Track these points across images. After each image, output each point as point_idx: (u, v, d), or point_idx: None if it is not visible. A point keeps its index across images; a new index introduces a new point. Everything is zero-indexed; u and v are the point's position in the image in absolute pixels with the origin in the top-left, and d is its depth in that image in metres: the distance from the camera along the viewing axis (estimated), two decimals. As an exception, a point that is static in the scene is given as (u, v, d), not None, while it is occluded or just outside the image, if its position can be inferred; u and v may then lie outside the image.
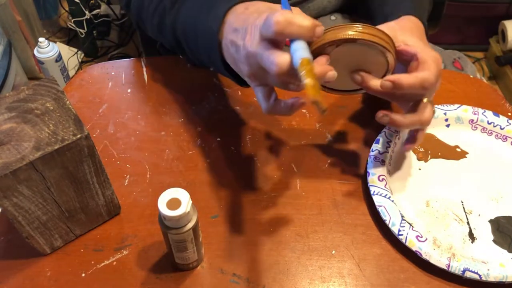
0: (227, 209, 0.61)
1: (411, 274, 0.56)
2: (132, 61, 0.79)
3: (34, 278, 0.55)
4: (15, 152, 0.46)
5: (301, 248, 0.58)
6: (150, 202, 0.62)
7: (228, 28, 0.52)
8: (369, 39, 0.51)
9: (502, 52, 1.76)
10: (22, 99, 0.51)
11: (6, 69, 1.52)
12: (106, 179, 0.55)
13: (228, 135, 0.69)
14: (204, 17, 0.57)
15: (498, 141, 0.68)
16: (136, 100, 0.74)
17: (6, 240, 0.58)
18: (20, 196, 0.48)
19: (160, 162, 0.66)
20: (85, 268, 0.56)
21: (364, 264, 0.57)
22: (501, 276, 0.53)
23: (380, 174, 0.62)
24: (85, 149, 0.49)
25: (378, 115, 0.57)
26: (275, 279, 0.56)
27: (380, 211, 0.58)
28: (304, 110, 0.72)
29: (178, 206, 0.47)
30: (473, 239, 0.59)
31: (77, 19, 1.76)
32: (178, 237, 0.49)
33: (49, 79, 0.53)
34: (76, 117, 0.49)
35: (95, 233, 0.59)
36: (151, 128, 0.70)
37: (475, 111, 0.69)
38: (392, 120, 0.56)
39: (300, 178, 0.65)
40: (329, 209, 0.62)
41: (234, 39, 0.50)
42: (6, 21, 1.57)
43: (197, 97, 0.74)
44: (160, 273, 0.56)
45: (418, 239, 0.56)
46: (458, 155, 0.67)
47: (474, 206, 0.62)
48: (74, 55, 1.85)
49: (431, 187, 0.63)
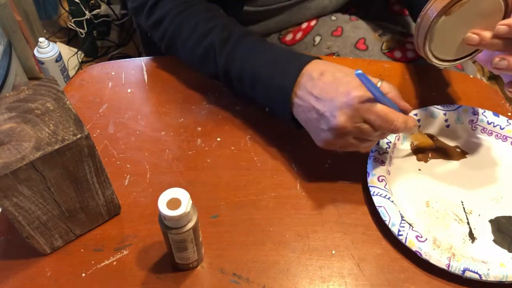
0: (227, 209, 0.61)
1: (411, 274, 0.56)
2: (132, 61, 0.79)
3: (34, 278, 0.55)
4: (15, 152, 0.46)
5: (301, 248, 0.58)
6: (150, 202, 0.62)
7: (304, 91, 0.58)
8: None
9: (502, 52, 1.76)
10: (22, 99, 0.51)
11: (6, 69, 1.52)
12: (106, 179, 0.55)
13: (228, 135, 0.69)
14: (270, 70, 0.62)
15: (498, 141, 0.68)
16: (136, 100, 0.74)
17: (6, 240, 0.58)
18: (20, 196, 0.48)
19: (160, 162, 0.66)
20: (85, 268, 0.56)
21: (364, 264, 0.57)
22: (501, 276, 0.53)
23: (380, 174, 0.62)
24: (85, 149, 0.49)
25: (495, 60, 0.54)
26: (275, 279, 0.56)
27: (380, 211, 0.58)
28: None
29: (178, 206, 0.47)
30: (473, 239, 0.59)
31: (77, 19, 1.76)
32: (178, 237, 0.49)
33: (49, 79, 0.53)
34: (76, 117, 0.50)
35: (95, 233, 0.59)
36: (151, 128, 0.70)
37: (475, 111, 0.69)
38: (510, 64, 0.54)
39: (300, 178, 0.65)
40: (329, 209, 0.62)
41: (317, 107, 0.57)
42: (6, 21, 1.57)
43: (197, 97, 0.74)
44: (160, 273, 0.56)
45: (418, 239, 0.56)
46: (458, 155, 0.67)
47: (474, 206, 0.62)
48: (74, 55, 1.85)
49: (431, 187, 0.63)
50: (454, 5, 0.51)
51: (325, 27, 0.84)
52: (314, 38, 0.84)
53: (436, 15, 0.52)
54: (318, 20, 0.86)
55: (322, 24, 0.85)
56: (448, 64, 0.59)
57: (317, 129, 0.59)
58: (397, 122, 0.54)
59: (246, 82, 0.65)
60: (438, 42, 0.55)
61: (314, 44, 0.84)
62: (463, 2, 0.51)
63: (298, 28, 0.86)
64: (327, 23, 0.85)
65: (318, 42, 0.84)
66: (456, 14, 0.52)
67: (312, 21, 0.86)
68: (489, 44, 0.54)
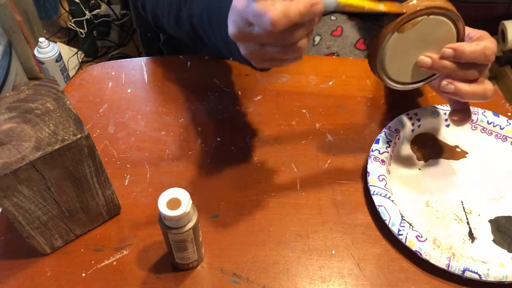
0: (227, 209, 0.61)
1: (411, 274, 0.56)
2: (132, 61, 0.79)
3: (34, 278, 0.55)
4: (15, 152, 0.46)
5: (301, 248, 0.58)
6: (150, 202, 0.62)
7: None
8: (444, 6, 0.51)
9: (502, 52, 1.76)
10: (22, 99, 0.51)
11: (6, 69, 1.52)
12: (106, 179, 0.55)
13: (228, 135, 0.69)
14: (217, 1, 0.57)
15: (498, 141, 0.68)
16: (136, 100, 0.74)
17: (6, 240, 0.58)
18: (20, 196, 0.48)
19: (160, 162, 0.66)
20: (85, 268, 0.56)
21: (364, 264, 0.57)
22: (501, 276, 0.53)
23: (380, 174, 0.62)
24: (85, 149, 0.49)
25: (442, 83, 0.55)
26: (275, 279, 0.56)
27: (380, 211, 0.58)
28: (304, 110, 0.72)
29: (178, 206, 0.47)
30: (473, 239, 0.59)
31: (77, 19, 1.76)
32: (178, 237, 0.49)
33: (49, 79, 0.53)
34: (76, 117, 0.50)
35: (95, 233, 0.59)
36: (151, 128, 0.70)
37: (475, 111, 0.69)
38: (457, 89, 0.55)
39: (300, 178, 0.65)
40: (329, 209, 0.62)
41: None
42: (6, 21, 1.57)
43: (197, 97, 0.74)
44: (160, 273, 0.56)
45: (418, 239, 0.56)
46: (458, 155, 0.67)
47: (474, 206, 0.62)
48: (74, 55, 1.85)
49: (431, 187, 0.63)
50: (407, 22, 0.52)
51: (324, 26, 0.84)
52: (313, 38, 0.84)
53: (388, 31, 0.52)
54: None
55: (321, 23, 0.85)
56: (404, 87, 0.59)
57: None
58: (270, 12, 0.41)
59: (206, 24, 0.61)
60: (390, 60, 0.55)
61: (314, 43, 0.84)
62: (416, 21, 0.52)
63: (298, 28, 0.86)
64: (327, 23, 0.85)
65: (317, 42, 0.84)
66: (409, 33, 0.53)
67: (312, 21, 0.86)
68: (439, 67, 0.55)
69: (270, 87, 0.75)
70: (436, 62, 0.55)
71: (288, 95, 0.74)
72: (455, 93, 0.55)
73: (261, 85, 0.75)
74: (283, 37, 0.45)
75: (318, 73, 0.78)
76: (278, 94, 0.75)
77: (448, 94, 0.56)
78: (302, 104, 0.73)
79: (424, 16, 0.52)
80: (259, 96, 0.74)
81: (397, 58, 0.55)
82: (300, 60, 0.49)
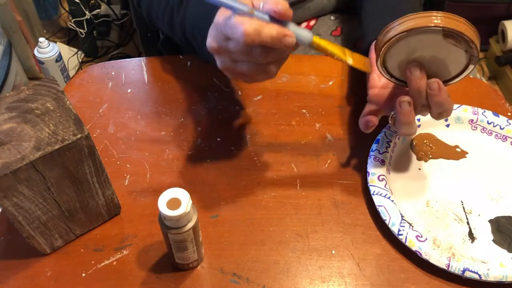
0: (227, 209, 0.61)
1: (411, 274, 0.56)
2: (132, 61, 0.79)
3: (34, 278, 0.55)
4: (15, 152, 0.46)
5: (301, 248, 0.58)
6: (150, 202, 0.62)
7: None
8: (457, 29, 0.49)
9: (502, 52, 1.77)
10: (22, 99, 0.51)
11: (6, 69, 1.53)
12: (106, 179, 0.55)
13: (228, 135, 0.69)
14: (209, 15, 0.57)
15: (498, 141, 0.68)
16: (136, 100, 0.74)
17: (6, 240, 0.58)
18: (20, 196, 0.48)
19: (160, 162, 0.66)
20: (85, 268, 0.56)
21: (364, 264, 0.57)
22: (501, 276, 0.53)
23: (380, 174, 0.62)
24: (85, 149, 0.49)
25: (404, 98, 0.55)
26: (275, 279, 0.56)
27: (380, 211, 0.58)
28: (304, 110, 0.72)
29: (178, 206, 0.47)
30: (473, 239, 0.59)
31: (77, 19, 1.76)
32: (178, 237, 0.49)
33: (49, 79, 0.53)
34: (76, 117, 0.50)
35: (95, 233, 0.59)
36: (151, 128, 0.70)
37: (475, 111, 0.69)
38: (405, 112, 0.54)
39: (300, 178, 0.65)
40: (329, 209, 0.62)
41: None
42: (6, 21, 1.57)
43: (197, 97, 0.74)
44: (160, 273, 0.56)
45: (418, 239, 0.56)
46: (458, 155, 0.67)
47: (474, 206, 0.62)
48: (74, 55, 1.85)
49: (431, 187, 0.63)
50: (429, 30, 0.50)
51: (324, 26, 0.84)
52: (314, 38, 0.84)
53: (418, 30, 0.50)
54: (318, 20, 0.86)
55: (321, 23, 0.85)
56: (389, 78, 0.58)
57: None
58: (244, 25, 0.44)
59: (198, 37, 0.62)
60: (396, 51, 0.54)
61: (314, 44, 0.84)
62: (436, 31, 0.50)
63: (298, 28, 0.86)
64: (327, 22, 0.85)
65: (318, 42, 0.84)
66: (428, 37, 0.51)
67: (311, 21, 0.86)
68: (415, 87, 0.54)
69: (270, 87, 0.75)
70: (418, 81, 0.54)
71: (288, 95, 0.74)
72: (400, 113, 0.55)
73: (261, 85, 0.75)
74: (253, 56, 0.48)
75: (318, 73, 0.78)
76: (278, 94, 0.75)
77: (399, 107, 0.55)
78: (302, 104, 0.73)
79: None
80: (259, 96, 0.74)
81: (402, 52, 0.53)
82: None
